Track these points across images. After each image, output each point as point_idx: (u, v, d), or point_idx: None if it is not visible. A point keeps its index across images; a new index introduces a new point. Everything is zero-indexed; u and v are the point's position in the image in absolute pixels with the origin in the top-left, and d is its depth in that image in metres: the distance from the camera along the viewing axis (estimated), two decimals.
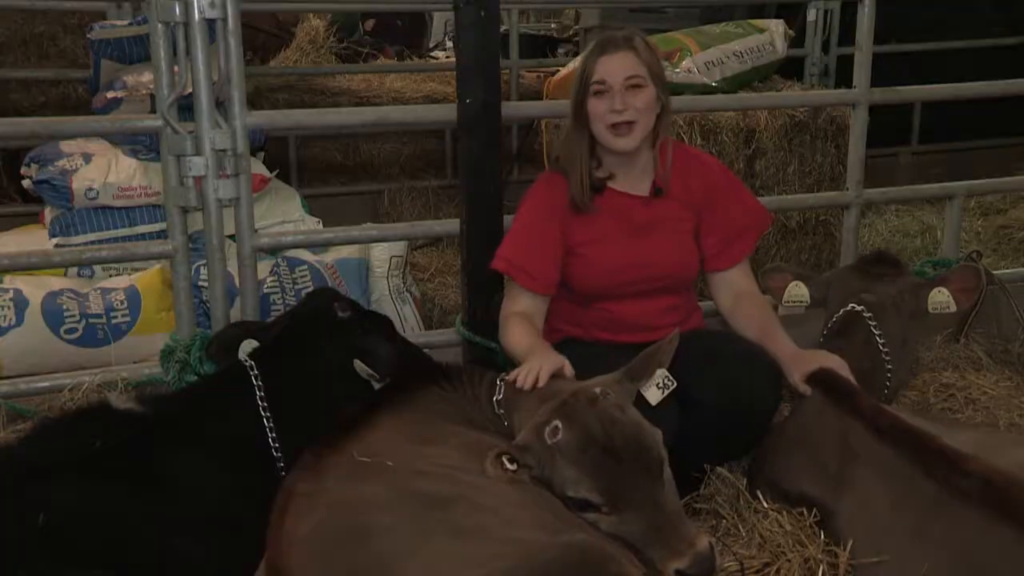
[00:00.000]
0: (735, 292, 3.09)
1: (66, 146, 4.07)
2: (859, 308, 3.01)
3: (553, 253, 2.98)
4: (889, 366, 2.98)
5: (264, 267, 3.81)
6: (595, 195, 2.99)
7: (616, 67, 2.86)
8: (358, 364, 2.77)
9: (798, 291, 3.17)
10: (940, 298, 3.09)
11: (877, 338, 2.97)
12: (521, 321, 2.91)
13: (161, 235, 3.86)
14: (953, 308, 3.09)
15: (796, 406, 2.91)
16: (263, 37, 8.10)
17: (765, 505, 2.67)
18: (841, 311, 3.04)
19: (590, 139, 2.95)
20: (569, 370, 2.58)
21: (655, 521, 2.21)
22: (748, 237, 3.13)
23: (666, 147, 3.02)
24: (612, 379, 2.45)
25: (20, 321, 3.59)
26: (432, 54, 10.05)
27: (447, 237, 5.18)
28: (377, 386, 2.78)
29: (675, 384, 2.59)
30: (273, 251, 3.94)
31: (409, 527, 2.00)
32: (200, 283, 3.54)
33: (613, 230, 3.01)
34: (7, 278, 3.73)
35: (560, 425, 2.29)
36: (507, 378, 2.62)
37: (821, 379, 2.80)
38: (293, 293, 3.91)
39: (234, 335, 2.93)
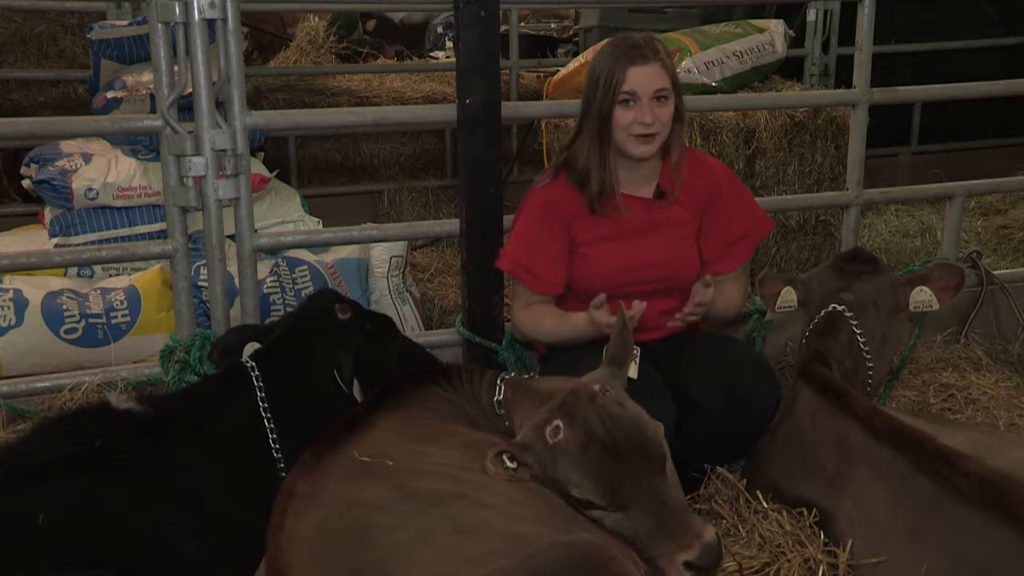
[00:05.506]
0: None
1: (66, 146, 4.06)
2: (840, 308, 3.02)
3: (559, 255, 2.98)
4: (870, 364, 2.99)
5: (264, 267, 3.81)
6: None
7: (646, 79, 2.84)
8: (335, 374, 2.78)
9: (789, 296, 3.18)
10: (923, 297, 3.08)
11: (858, 337, 2.98)
12: (548, 309, 2.97)
13: (161, 235, 3.85)
14: (936, 306, 3.09)
15: (790, 408, 2.91)
16: (268, 37, 8.10)
17: (765, 505, 2.67)
18: (823, 311, 3.04)
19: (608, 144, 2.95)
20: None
21: (660, 516, 2.21)
22: (748, 243, 3.16)
23: (680, 154, 3.02)
24: (606, 373, 2.44)
25: (20, 321, 3.58)
26: (432, 54, 10.04)
27: (447, 237, 5.16)
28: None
29: (639, 349, 2.63)
30: (273, 251, 3.93)
31: (410, 526, 2.00)
32: (200, 283, 3.54)
33: (615, 231, 3.01)
34: (7, 278, 3.72)
35: (561, 424, 2.28)
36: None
37: (814, 379, 2.81)
38: (293, 293, 3.91)
39: (236, 339, 2.93)
